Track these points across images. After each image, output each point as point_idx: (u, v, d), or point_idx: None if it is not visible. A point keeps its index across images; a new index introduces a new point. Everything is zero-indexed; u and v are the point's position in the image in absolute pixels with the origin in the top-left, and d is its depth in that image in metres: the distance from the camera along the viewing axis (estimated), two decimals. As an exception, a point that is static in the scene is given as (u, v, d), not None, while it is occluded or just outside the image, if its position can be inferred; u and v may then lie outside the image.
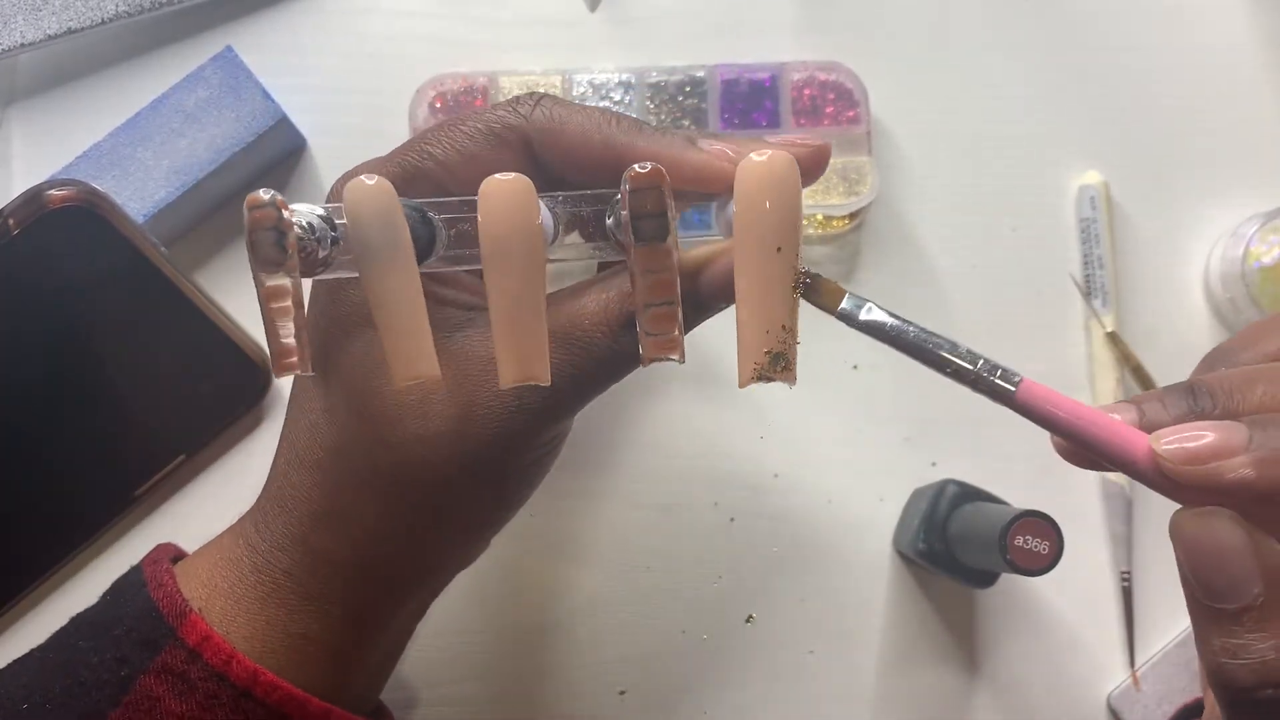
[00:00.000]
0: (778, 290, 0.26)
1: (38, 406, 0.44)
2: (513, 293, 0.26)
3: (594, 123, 0.29)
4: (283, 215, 0.25)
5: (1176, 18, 0.51)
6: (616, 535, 0.47)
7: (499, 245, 0.25)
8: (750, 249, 0.26)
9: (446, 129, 0.30)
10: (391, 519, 0.30)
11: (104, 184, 0.44)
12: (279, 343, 0.26)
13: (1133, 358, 0.48)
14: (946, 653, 0.47)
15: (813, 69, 0.49)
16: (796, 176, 0.26)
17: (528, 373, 0.26)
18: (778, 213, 0.25)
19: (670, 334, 0.27)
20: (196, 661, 0.29)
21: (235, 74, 0.46)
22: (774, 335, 0.26)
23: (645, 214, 0.25)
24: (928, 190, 0.50)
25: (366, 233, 0.25)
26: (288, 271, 0.25)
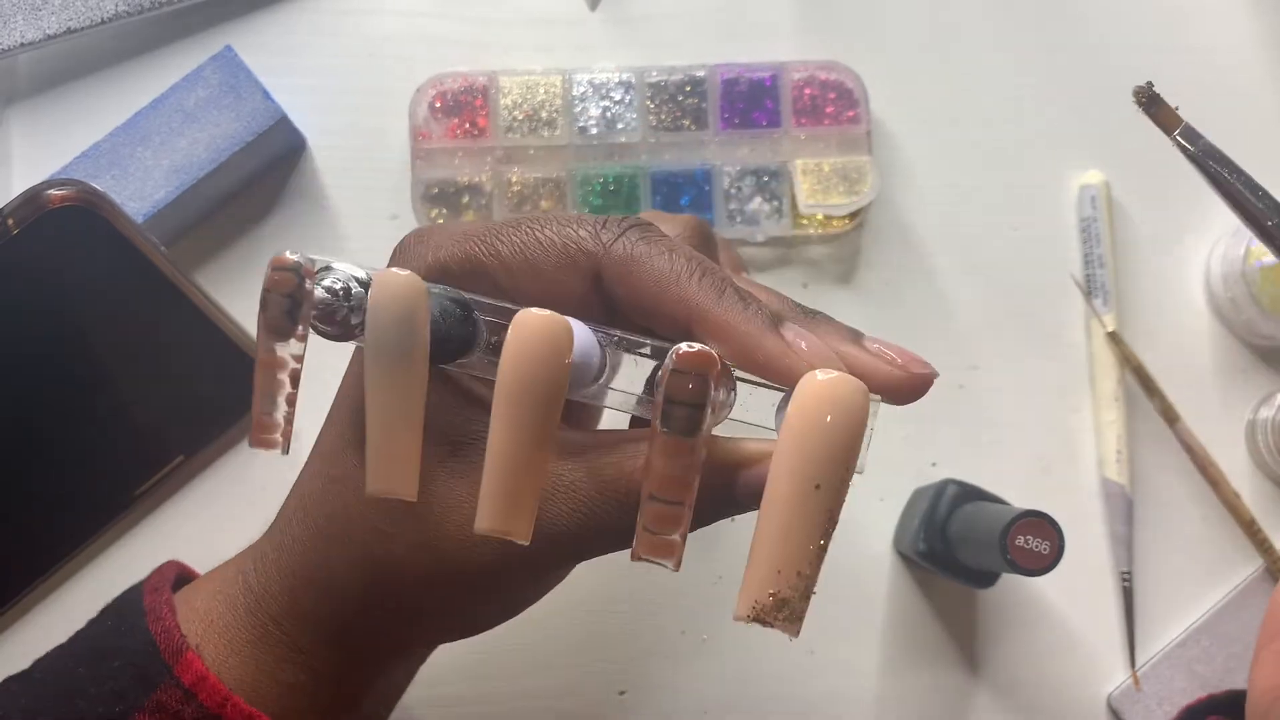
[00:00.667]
0: (803, 532, 0.23)
1: (37, 407, 0.44)
2: (515, 435, 0.23)
3: (674, 273, 0.26)
4: (303, 284, 0.23)
5: (1177, 17, 0.51)
6: (616, 535, 0.47)
7: (513, 380, 0.23)
8: (785, 478, 0.23)
9: (524, 229, 0.27)
10: (377, 600, 0.30)
11: (104, 183, 0.44)
12: (262, 416, 0.24)
13: (1133, 358, 0.48)
14: (946, 653, 0.47)
15: (813, 68, 0.49)
16: (863, 410, 0.23)
17: (504, 526, 0.24)
18: (828, 448, 0.22)
19: (669, 536, 0.24)
20: (191, 702, 0.29)
21: (235, 73, 0.46)
22: (785, 579, 0.23)
23: (680, 401, 0.23)
24: (928, 190, 0.50)
25: (381, 327, 0.24)
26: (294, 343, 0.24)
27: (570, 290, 0.27)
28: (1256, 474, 0.49)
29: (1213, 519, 0.48)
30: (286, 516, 0.31)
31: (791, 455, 0.22)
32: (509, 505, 0.24)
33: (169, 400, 0.46)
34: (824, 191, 0.47)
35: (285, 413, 0.24)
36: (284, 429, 0.25)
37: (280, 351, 0.24)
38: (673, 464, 0.23)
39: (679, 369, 0.23)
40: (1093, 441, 0.48)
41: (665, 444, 0.23)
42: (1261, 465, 0.48)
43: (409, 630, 0.31)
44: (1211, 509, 0.48)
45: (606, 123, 0.48)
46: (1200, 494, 0.48)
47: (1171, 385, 0.48)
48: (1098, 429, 0.48)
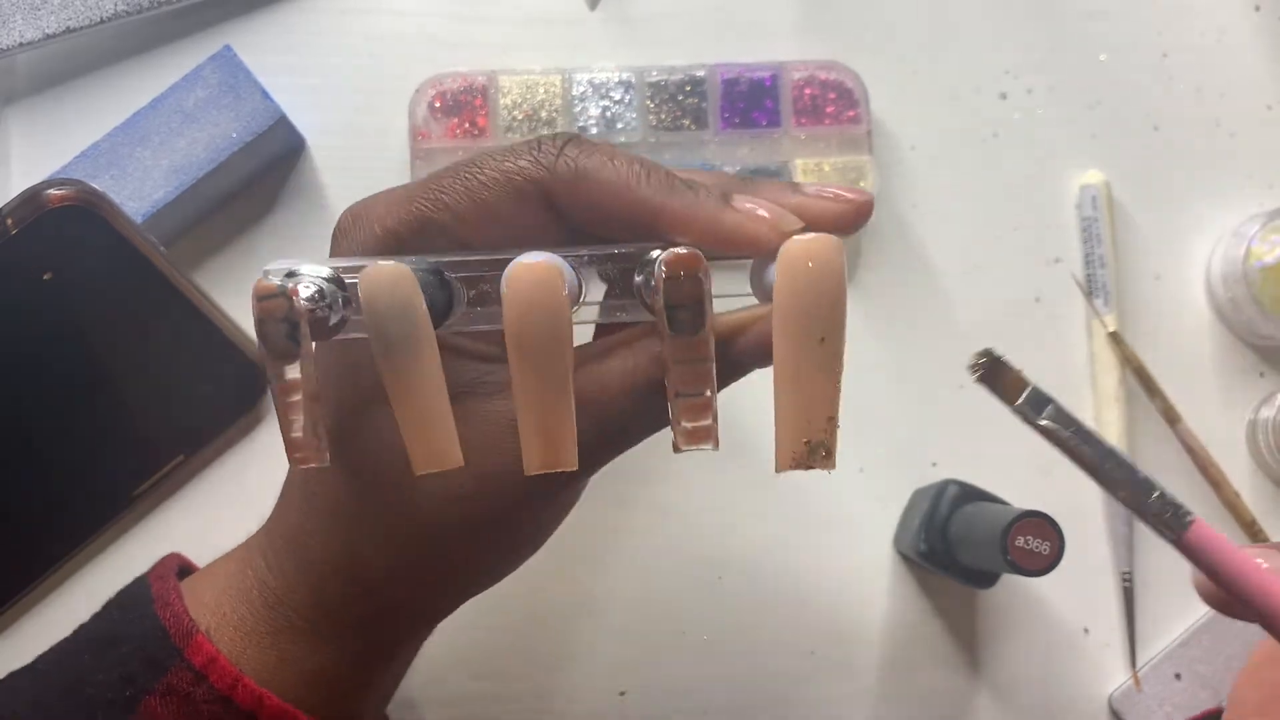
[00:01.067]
0: (821, 382, 0.24)
1: (36, 406, 0.44)
2: (540, 381, 0.25)
3: (622, 178, 0.27)
4: (294, 305, 0.23)
5: (1178, 17, 0.51)
6: (616, 535, 0.47)
7: (525, 335, 0.24)
8: (792, 339, 0.24)
9: (463, 175, 0.27)
10: (402, 570, 0.30)
11: (103, 183, 0.44)
12: (294, 437, 0.24)
13: (1134, 358, 0.48)
14: (946, 653, 0.47)
15: (813, 68, 0.49)
16: (841, 262, 0.24)
17: (554, 459, 0.25)
18: (822, 302, 0.24)
19: (706, 423, 0.25)
20: (202, 683, 0.29)
21: (234, 73, 0.46)
22: (815, 425, 0.25)
23: (682, 304, 0.24)
24: (928, 190, 0.50)
25: (384, 324, 0.24)
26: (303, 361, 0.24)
27: (526, 222, 0.27)
28: (1257, 474, 0.49)
29: (1214, 519, 0.48)
30: (293, 506, 0.31)
31: (791, 320, 0.24)
32: (552, 441, 0.25)
33: (168, 400, 0.46)
34: (824, 191, 0.47)
35: (315, 427, 0.25)
36: (318, 443, 0.25)
37: (293, 374, 0.24)
38: (689, 360, 0.25)
39: (672, 275, 0.24)
40: (1093, 441, 0.48)
41: (678, 346, 0.25)
42: (1262, 465, 0.48)
43: (438, 591, 0.31)
44: (1212, 509, 0.48)
45: (606, 122, 0.48)
46: (1201, 494, 0.48)
47: (1172, 385, 0.48)
48: (1099, 429, 0.48)
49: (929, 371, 0.49)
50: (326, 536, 0.30)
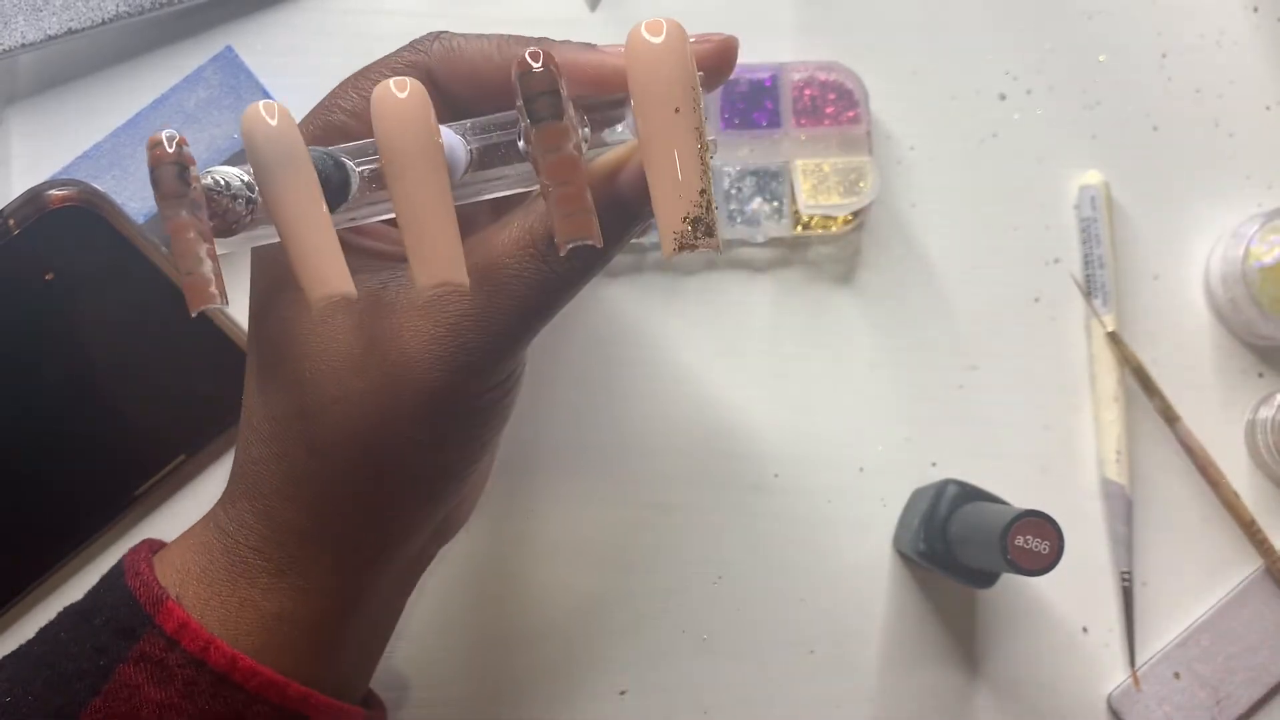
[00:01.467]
0: (683, 152, 0.25)
1: (37, 406, 0.44)
2: (418, 195, 0.25)
3: (493, 44, 0.29)
4: (182, 150, 0.25)
5: (1177, 17, 0.51)
6: (616, 535, 0.47)
7: (396, 148, 0.25)
8: (649, 117, 0.25)
9: (354, 81, 0.30)
10: (336, 485, 0.30)
11: (104, 184, 0.44)
12: (193, 274, 0.25)
13: (1133, 358, 0.48)
14: (946, 653, 0.47)
15: (813, 69, 0.49)
16: (684, 37, 0.25)
17: (444, 275, 0.25)
18: (668, 71, 0.24)
19: (583, 213, 0.25)
20: (175, 649, 0.29)
21: (235, 74, 0.46)
22: (688, 199, 0.25)
23: (537, 93, 0.24)
24: (928, 190, 0.50)
25: (262, 156, 0.25)
26: (193, 203, 0.25)
27: None
28: (1256, 474, 0.49)
29: (1212, 519, 0.48)
30: (242, 448, 0.31)
31: (644, 96, 0.25)
32: (439, 255, 0.25)
33: (169, 400, 0.46)
34: (824, 192, 0.47)
35: (210, 267, 0.25)
36: (215, 282, 0.26)
37: (185, 215, 0.25)
38: (554, 149, 0.25)
39: (524, 71, 0.24)
40: (1092, 441, 0.48)
41: (541, 133, 0.25)
42: (1261, 465, 0.48)
43: (394, 506, 0.31)
44: (1211, 509, 0.48)
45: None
46: (1200, 494, 0.48)
47: (1171, 385, 0.48)
48: (1097, 429, 0.48)
49: (929, 371, 0.49)
50: (269, 461, 0.30)
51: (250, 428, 0.31)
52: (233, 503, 0.31)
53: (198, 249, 0.25)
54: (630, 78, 0.25)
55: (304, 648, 0.31)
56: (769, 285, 0.49)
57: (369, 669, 0.36)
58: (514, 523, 0.47)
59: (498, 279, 0.28)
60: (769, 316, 0.48)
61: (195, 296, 0.25)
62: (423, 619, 0.46)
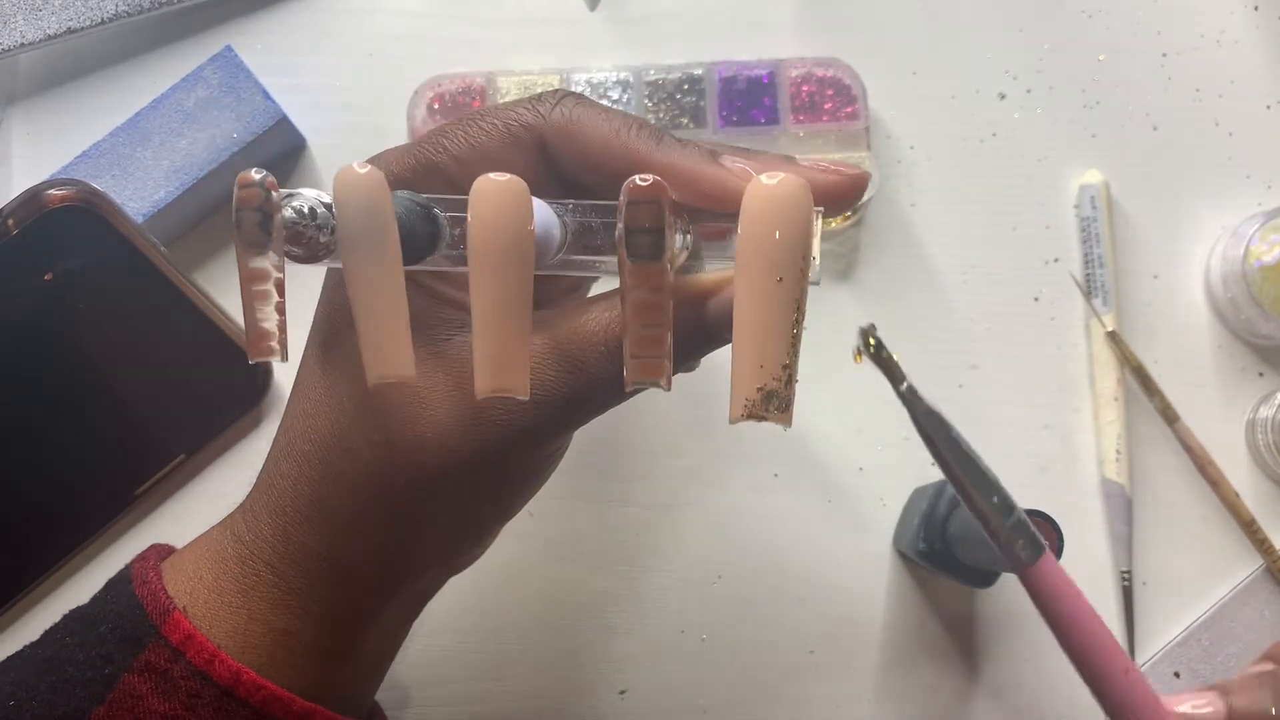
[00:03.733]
0: (775, 325, 0.24)
1: (37, 406, 0.44)
2: (496, 297, 0.24)
3: (613, 128, 0.27)
4: (270, 196, 0.24)
5: (1177, 17, 0.51)
6: (616, 535, 0.47)
7: (485, 246, 0.24)
8: (750, 278, 0.24)
9: (465, 124, 0.28)
10: (368, 518, 0.30)
11: (103, 183, 0.44)
12: (257, 326, 0.25)
13: (1133, 358, 0.48)
14: (946, 653, 0.47)
15: (811, 65, 0.49)
16: (808, 203, 0.24)
17: (503, 384, 0.25)
18: (782, 239, 0.23)
19: (657, 358, 0.25)
20: (179, 660, 0.29)
21: (235, 74, 0.46)
22: (769, 372, 0.24)
23: (640, 229, 0.24)
24: (927, 188, 0.50)
25: (349, 221, 0.24)
26: (272, 254, 0.24)
27: (520, 169, 0.27)
28: (1256, 473, 0.49)
29: (1212, 518, 0.48)
30: (273, 459, 0.31)
31: (750, 255, 0.24)
32: (504, 363, 0.25)
33: (169, 399, 0.46)
34: (823, 191, 0.47)
35: (277, 321, 0.25)
36: (279, 336, 0.25)
37: (261, 263, 0.24)
38: (646, 289, 0.24)
39: (634, 200, 0.24)
40: (1092, 441, 0.48)
41: (635, 271, 0.24)
42: (1261, 465, 0.48)
43: (409, 549, 0.31)
44: (1211, 508, 0.48)
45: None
46: (1200, 493, 0.48)
47: (1171, 385, 0.48)
48: (1097, 429, 0.48)
49: (929, 371, 0.49)
50: (296, 482, 0.30)
51: (288, 440, 0.30)
52: (254, 514, 0.31)
53: (268, 301, 0.25)
54: (741, 226, 0.24)
55: (309, 666, 0.31)
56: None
57: (373, 686, 0.36)
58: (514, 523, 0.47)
59: (555, 368, 0.27)
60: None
61: (256, 346, 0.25)
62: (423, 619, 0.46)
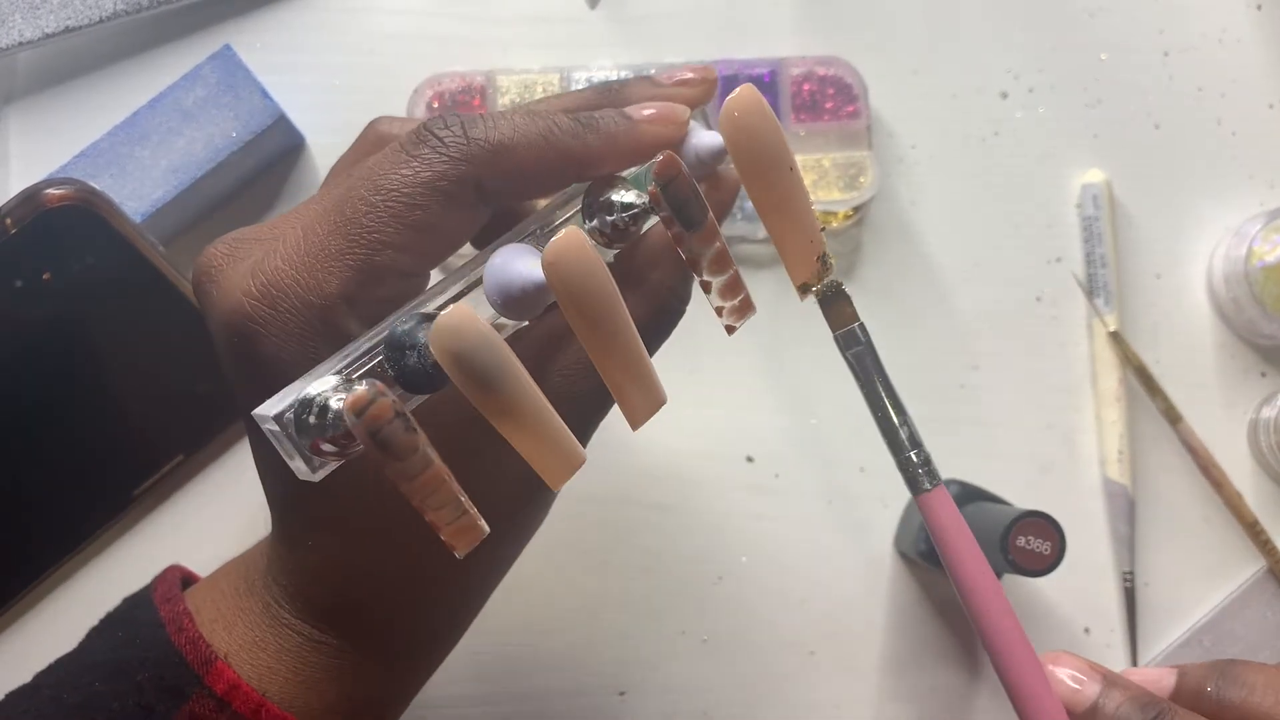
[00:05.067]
0: (801, 205, 0.27)
1: (35, 406, 0.44)
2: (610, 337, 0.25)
3: (540, 135, 0.27)
4: (393, 399, 0.22)
5: (1179, 16, 0.51)
6: (616, 536, 0.47)
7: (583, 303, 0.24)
8: (764, 178, 0.27)
9: (382, 207, 0.25)
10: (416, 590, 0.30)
11: (102, 183, 0.44)
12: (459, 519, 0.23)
13: (1135, 357, 0.48)
14: (946, 653, 0.46)
15: (812, 64, 0.48)
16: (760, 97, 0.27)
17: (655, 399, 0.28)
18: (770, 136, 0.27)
19: (742, 296, 0.28)
20: (225, 710, 0.29)
21: (234, 73, 0.46)
22: (814, 244, 0.28)
23: (685, 199, 0.26)
24: (929, 187, 0.50)
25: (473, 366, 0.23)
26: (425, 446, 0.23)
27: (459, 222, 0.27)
28: (1259, 474, 0.48)
29: (1215, 519, 0.48)
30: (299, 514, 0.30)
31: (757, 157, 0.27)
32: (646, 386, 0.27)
33: (168, 400, 0.46)
34: (824, 187, 0.47)
35: (468, 503, 0.24)
36: (478, 516, 0.24)
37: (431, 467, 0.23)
38: (709, 246, 0.27)
39: (664, 180, 0.26)
40: (1094, 441, 0.48)
41: (697, 239, 0.26)
42: (1264, 465, 0.48)
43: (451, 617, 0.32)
44: (1214, 509, 0.48)
45: (606, 121, 0.48)
46: (1202, 494, 0.48)
47: (1173, 385, 0.48)
48: (1099, 429, 0.48)
49: (929, 371, 0.48)
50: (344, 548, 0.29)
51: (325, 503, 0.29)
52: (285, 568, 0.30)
53: (455, 495, 0.23)
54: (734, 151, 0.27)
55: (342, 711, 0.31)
56: (769, 281, 0.48)
57: None
58: (513, 522, 0.47)
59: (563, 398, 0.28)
60: (769, 313, 0.48)
61: (465, 540, 0.24)
62: (422, 619, 0.46)
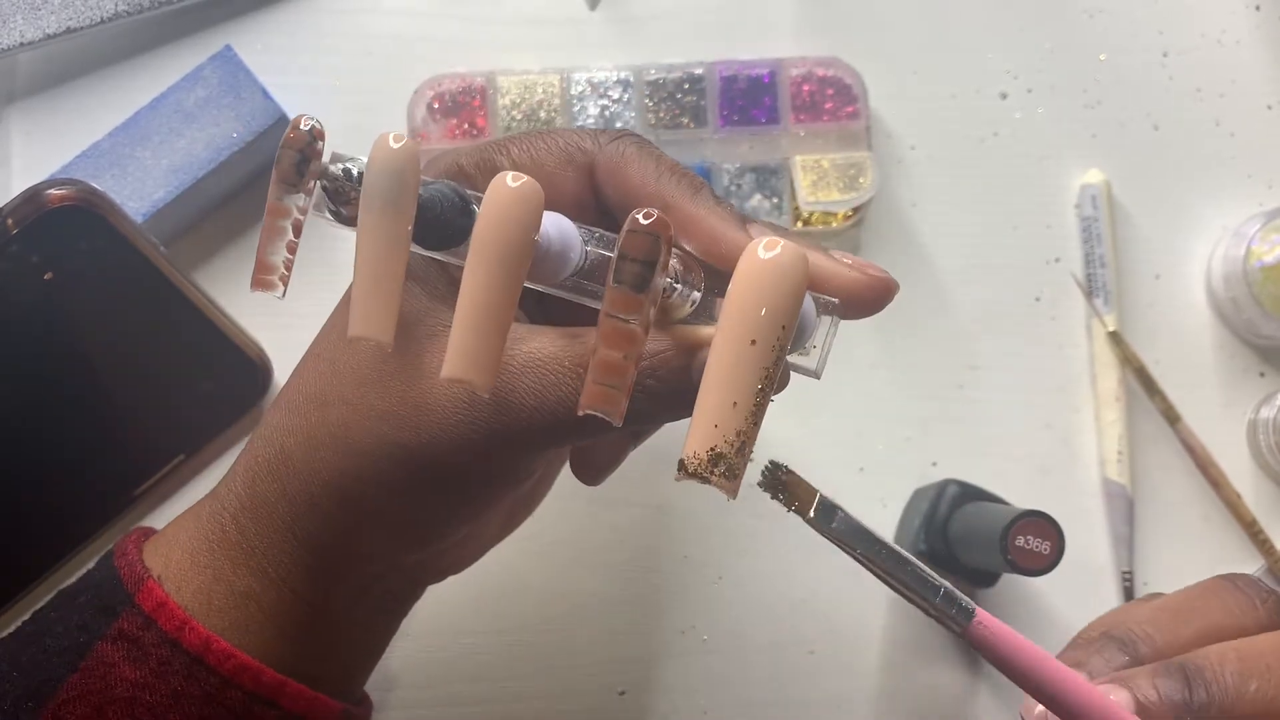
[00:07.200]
0: (739, 387, 0.23)
1: (37, 406, 0.44)
2: (484, 287, 0.25)
3: (655, 171, 0.28)
4: (314, 143, 0.26)
5: (1178, 16, 0.51)
6: (616, 536, 0.47)
7: (485, 237, 0.25)
8: (724, 335, 0.23)
9: (530, 136, 0.30)
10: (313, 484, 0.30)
11: (103, 183, 0.44)
12: (266, 257, 0.26)
13: (1135, 358, 0.48)
14: (946, 653, 0.46)
15: (811, 65, 0.48)
16: (800, 274, 0.23)
17: (467, 373, 0.25)
18: (762, 300, 0.23)
19: (616, 388, 0.24)
20: (151, 628, 0.30)
21: (235, 73, 0.46)
22: (722, 434, 0.23)
23: (631, 257, 0.23)
24: (928, 187, 0.50)
25: (372, 180, 0.25)
26: (301, 196, 0.26)
27: (568, 187, 0.29)
28: (1258, 474, 0.49)
29: (1214, 519, 0.48)
30: (271, 408, 0.32)
31: (728, 313, 0.23)
32: (475, 354, 0.25)
33: (169, 400, 0.46)
34: (824, 188, 0.47)
35: (285, 259, 0.26)
36: (283, 274, 0.26)
37: (287, 201, 0.26)
38: (621, 316, 0.24)
39: (633, 229, 0.24)
40: (1094, 441, 0.48)
41: (614, 297, 0.24)
42: (1263, 465, 0.48)
43: (369, 533, 0.31)
44: (1213, 509, 0.48)
45: (605, 121, 0.48)
46: (1201, 494, 0.48)
47: (1172, 385, 0.48)
48: (1099, 429, 0.48)
49: (929, 371, 0.48)
50: (274, 428, 0.31)
51: (283, 392, 0.31)
52: (232, 469, 0.32)
53: (282, 236, 0.26)
54: (730, 286, 0.24)
55: (269, 634, 0.31)
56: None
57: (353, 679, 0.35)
58: (513, 522, 0.47)
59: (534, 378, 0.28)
60: (769, 316, 0.48)
61: (259, 277, 0.26)
62: (422, 618, 0.46)
